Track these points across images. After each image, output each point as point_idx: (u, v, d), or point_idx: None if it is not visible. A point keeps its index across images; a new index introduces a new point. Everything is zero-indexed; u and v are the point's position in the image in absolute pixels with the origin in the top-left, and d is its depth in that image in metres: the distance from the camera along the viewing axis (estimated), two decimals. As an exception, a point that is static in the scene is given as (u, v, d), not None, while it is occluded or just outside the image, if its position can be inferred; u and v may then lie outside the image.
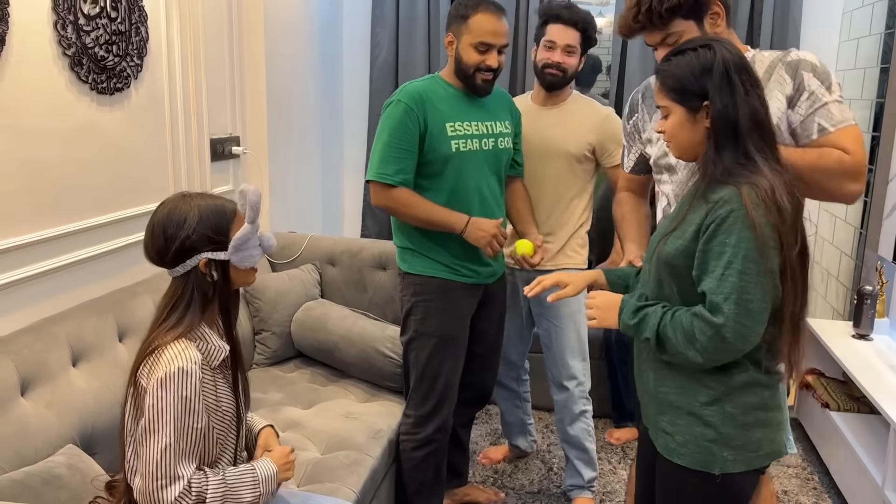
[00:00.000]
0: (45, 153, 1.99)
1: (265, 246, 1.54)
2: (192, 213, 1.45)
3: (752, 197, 1.30)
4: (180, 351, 1.40)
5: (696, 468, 1.43)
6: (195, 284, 1.46)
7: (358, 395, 2.51)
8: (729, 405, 1.40)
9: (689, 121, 1.41)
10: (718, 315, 1.31)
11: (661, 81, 1.44)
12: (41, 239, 1.98)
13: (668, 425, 1.46)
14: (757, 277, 1.30)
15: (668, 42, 1.66)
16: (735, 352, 1.35)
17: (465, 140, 2.19)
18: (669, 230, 1.43)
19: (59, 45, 2.01)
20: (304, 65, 3.56)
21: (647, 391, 1.53)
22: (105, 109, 2.21)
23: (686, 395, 1.43)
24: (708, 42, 1.41)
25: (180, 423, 1.37)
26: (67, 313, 1.98)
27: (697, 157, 1.44)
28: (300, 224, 3.46)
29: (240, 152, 2.99)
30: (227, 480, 1.44)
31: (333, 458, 2.06)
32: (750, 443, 1.41)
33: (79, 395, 1.81)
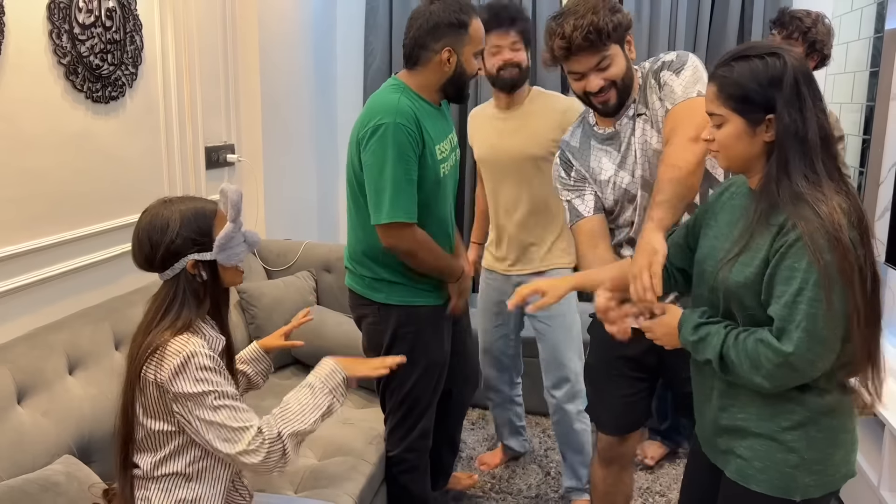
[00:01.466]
0: (41, 161, 1.99)
1: (250, 242, 1.57)
2: (174, 217, 1.47)
3: (816, 222, 1.22)
4: (185, 341, 1.43)
5: (776, 495, 1.36)
6: (186, 286, 1.49)
7: (355, 401, 2.51)
8: (813, 429, 1.34)
9: (747, 133, 1.30)
10: (787, 343, 1.25)
11: (718, 87, 1.32)
12: (37, 247, 1.98)
13: (746, 451, 1.39)
14: (828, 304, 1.22)
15: (601, 66, 1.69)
16: (804, 379, 1.29)
17: (444, 163, 2.05)
18: (732, 256, 1.33)
19: (55, 54, 2.02)
20: (299, 73, 3.57)
21: (713, 420, 1.45)
22: (100, 118, 2.22)
23: (767, 420, 1.36)
24: (775, 50, 1.30)
25: (216, 391, 1.42)
26: (64, 322, 1.98)
27: (747, 170, 1.36)
28: (295, 231, 3.46)
29: (235, 160, 3.00)
30: (289, 408, 1.52)
31: (331, 464, 2.06)
32: (830, 466, 1.35)
33: (75, 403, 1.80)
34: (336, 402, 1.57)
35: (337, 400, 1.57)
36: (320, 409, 1.54)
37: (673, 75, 1.71)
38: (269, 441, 1.43)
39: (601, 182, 1.84)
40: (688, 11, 3.66)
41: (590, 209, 1.85)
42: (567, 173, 1.89)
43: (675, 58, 1.75)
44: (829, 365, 1.27)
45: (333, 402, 1.57)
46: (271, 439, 1.44)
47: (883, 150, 2.96)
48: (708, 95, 1.35)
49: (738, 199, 1.44)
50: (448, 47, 1.97)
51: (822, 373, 1.29)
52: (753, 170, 1.35)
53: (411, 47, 1.99)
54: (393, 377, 1.99)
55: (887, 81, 2.93)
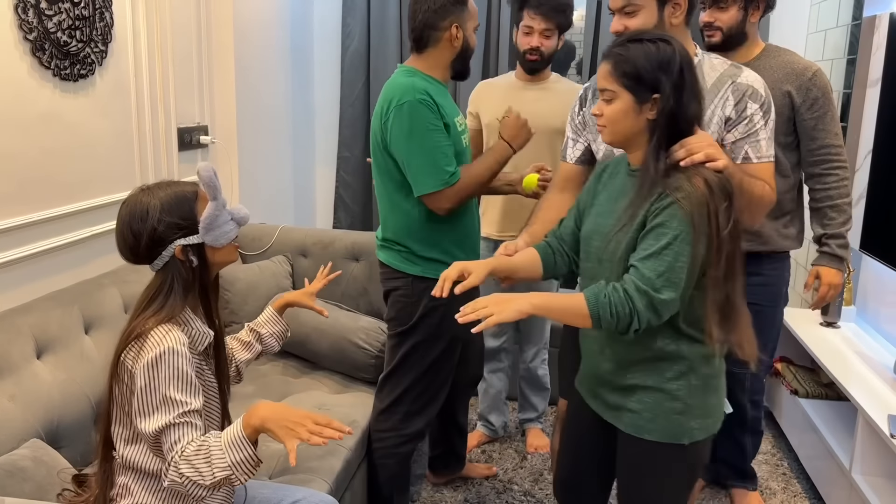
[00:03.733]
0: (6, 141, 1.93)
1: (238, 218, 1.53)
2: (154, 203, 1.43)
3: (690, 189, 1.36)
4: (165, 333, 1.39)
5: (667, 441, 1.49)
6: (175, 273, 1.45)
7: (331, 386, 2.49)
8: (693, 377, 1.48)
9: (634, 110, 1.43)
10: (649, 286, 1.36)
11: (613, 65, 1.43)
12: (4, 228, 1.93)
13: (636, 404, 1.51)
14: (686, 259, 1.36)
15: (626, 10, 1.69)
16: (660, 320, 1.39)
17: (464, 134, 2.18)
18: (619, 229, 1.44)
19: (21, 29, 1.96)
20: (275, 54, 3.51)
21: (606, 380, 1.57)
22: (69, 96, 2.16)
23: (653, 374, 1.49)
24: (667, 37, 1.43)
25: (174, 398, 1.36)
26: (32, 305, 1.93)
27: (627, 146, 1.49)
28: (271, 215, 3.42)
29: (208, 142, 2.95)
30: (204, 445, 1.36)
31: (306, 449, 2.04)
32: (709, 410, 1.51)
33: (44, 387, 1.76)
34: (235, 479, 1.33)
35: (237, 476, 1.32)
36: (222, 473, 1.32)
37: (762, 122, 1.68)
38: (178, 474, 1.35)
39: (600, 140, 1.84)
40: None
41: (575, 157, 1.94)
42: (578, 110, 1.95)
43: (763, 93, 1.69)
44: (675, 309, 1.40)
45: (232, 477, 1.32)
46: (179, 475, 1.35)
47: (859, 137, 2.99)
48: (602, 72, 1.45)
49: (617, 178, 1.56)
50: (455, 23, 2.06)
51: (686, 322, 1.44)
52: (635, 145, 1.47)
53: (420, 30, 2.07)
54: (414, 352, 2.16)
55: (864, 69, 2.95)
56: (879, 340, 2.86)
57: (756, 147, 1.68)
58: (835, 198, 2.19)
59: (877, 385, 2.45)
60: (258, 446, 1.36)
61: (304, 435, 1.29)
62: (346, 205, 4.13)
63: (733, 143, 1.69)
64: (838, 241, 2.20)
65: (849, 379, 2.50)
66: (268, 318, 1.85)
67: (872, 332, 2.95)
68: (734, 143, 1.69)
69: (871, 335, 2.93)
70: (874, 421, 2.20)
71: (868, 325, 3.01)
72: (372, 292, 2.81)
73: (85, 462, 1.77)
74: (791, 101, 2.15)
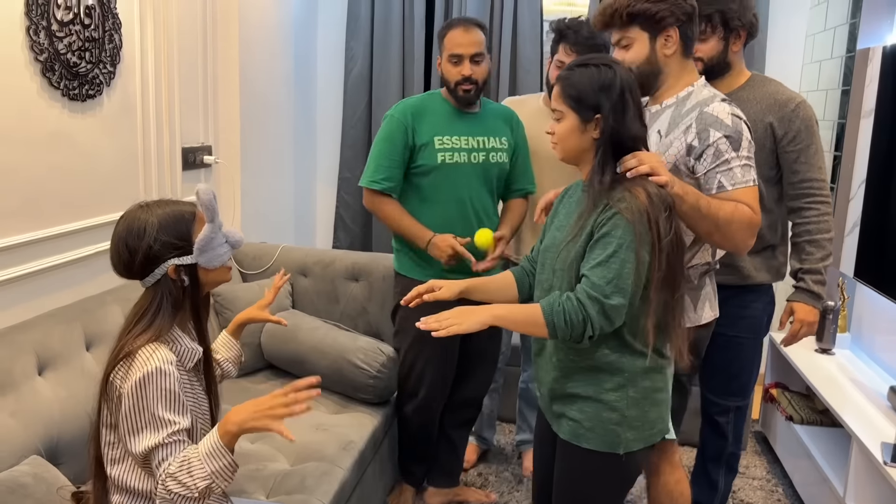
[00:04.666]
0: (14, 158, 1.96)
1: (232, 242, 1.55)
2: (151, 221, 1.45)
3: (631, 200, 1.46)
4: (152, 352, 1.40)
5: (603, 450, 1.57)
6: (165, 291, 1.47)
7: (329, 406, 2.50)
8: (632, 390, 1.56)
9: (579, 129, 1.54)
10: (599, 293, 1.45)
11: (560, 87, 1.56)
12: (7, 245, 1.95)
13: (577, 413, 1.59)
14: (631, 266, 1.45)
15: (621, 44, 1.80)
16: (612, 326, 1.48)
17: (451, 153, 2.32)
18: (570, 239, 1.54)
19: (32, 50, 1.99)
20: (279, 76, 3.56)
21: (551, 389, 1.65)
22: (77, 116, 2.20)
23: (593, 384, 1.57)
24: (609, 62, 1.56)
25: (163, 418, 1.37)
26: (34, 321, 1.95)
27: (578, 162, 1.60)
28: (272, 235, 3.44)
29: (212, 162, 2.98)
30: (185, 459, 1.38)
31: (303, 469, 2.05)
32: (647, 422, 1.58)
33: (44, 404, 1.77)
34: (216, 486, 1.36)
35: (217, 483, 1.36)
36: (203, 483, 1.35)
37: (732, 151, 1.70)
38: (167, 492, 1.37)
39: None
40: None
41: None
42: None
43: (729, 123, 1.72)
44: (624, 315, 1.48)
45: (213, 486, 1.36)
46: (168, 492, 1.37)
47: (853, 166, 3.03)
48: (553, 94, 1.58)
49: (574, 196, 1.67)
50: (440, 57, 2.33)
51: (631, 332, 1.52)
52: (584, 161, 1.59)
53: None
54: (396, 338, 2.56)
55: (858, 99, 3.00)
56: (874, 368, 2.88)
57: (729, 175, 1.70)
58: (813, 232, 2.11)
59: (871, 412, 2.47)
60: (234, 452, 1.38)
61: (284, 412, 1.32)
62: (346, 225, 4.16)
63: (705, 173, 1.73)
64: (814, 277, 2.12)
65: (843, 406, 2.52)
66: (223, 342, 1.83)
67: (867, 359, 2.97)
68: (706, 173, 1.73)
69: (866, 362, 2.95)
70: (868, 448, 2.21)
71: (862, 353, 3.03)
72: (371, 312, 2.83)
73: (83, 479, 1.77)
74: (773, 133, 2.10)
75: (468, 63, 2.27)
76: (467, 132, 2.35)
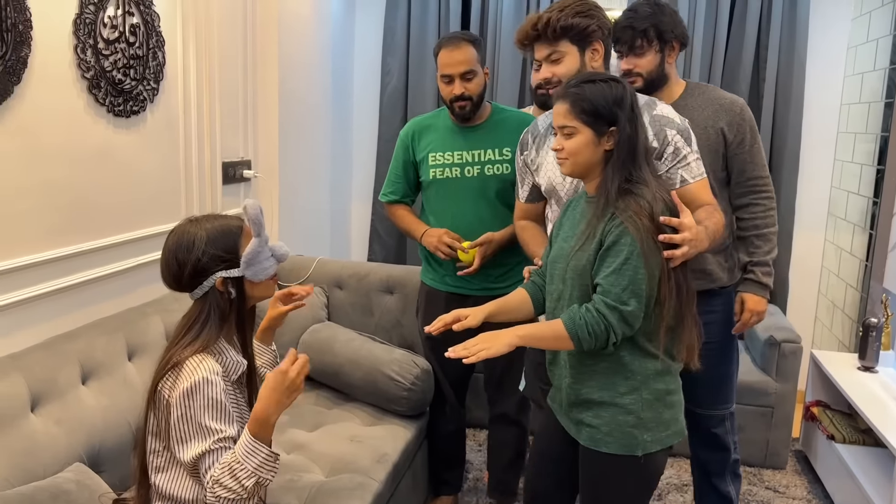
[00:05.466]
0: (61, 173, 2.02)
1: (277, 255, 1.58)
2: (200, 235, 1.49)
3: (638, 211, 1.53)
4: (199, 362, 1.44)
5: (622, 453, 1.62)
6: (213, 303, 1.51)
7: (363, 418, 2.52)
8: (645, 392, 1.60)
9: (593, 143, 1.59)
10: (617, 300, 1.52)
11: (571, 103, 1.59)
12: (55, 258, 2.01)
13: (594, 419, 1.64)
14: (644, 271, 1.52)
15: (552, 58, 1.88)
16: (631, 331, 1.55)
17: (441, 168, 2.42)
18: (578, 248, 1.60)
19: (79, 67, 2.05)
20: (317, 91, 3.62)
21: (567, 395, 1.70)
22: (121, 132, 2.26)
23: (607, 389, 1.61)
24: (615, 77, 1.63)
25: (209, 427, 1.41)
26: (78, 331, 2.00)
27: (586, 175, 1.64)
28: (308, 247, 3.49)
29: (251, 176, 3.04)
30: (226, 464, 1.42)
31: (337, 480, 2.06)
32: (662, 424, 1.62)
33: (87, 412, 1.82)
34: (266, 479, 1.41)
35: (263, 478, 1.41)
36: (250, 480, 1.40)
37: (687, 146, 1.82)
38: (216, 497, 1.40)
39: (536, 172, 2.03)
40: (703, 42, 3.69)
41: (524, 196, 2.12)
42: (520, 155, 2.09)
43: (678, 120, 1.84)
44: (641, 319, 1.54)
45: (261, 480, 1.41)
46: (217, 498, 1.40)
47: (897, 180, 2.96)
48: (560, 111, 1.61)
49: (578, 207, 1.72)
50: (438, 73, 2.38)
51: (645, 336, 1.58)
52: (592, 174, 1.64)
53: None
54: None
55: (902, 112, 2.94)
56: (919, 387, 2.81)
57: (688, 169, 1.82)
58: (761, 227, 2.22)
59: (916, 433, 2.40)
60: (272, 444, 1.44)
61: (295, 386, 1.43)
62: (381, 238, 4.20)
63: (667, 171, 1.82)
64: (763, 269, 2.23)
65: (887, 425, 2.46)
66: (255, 350, 1.84)
67: (912, 377, 2.90)
68: (667, 171, 1.82)
69: (911, 381, 2.87)
70: (913, 470, 2.16)
71: (907, 370, 2.96)
72: (405, 325, 2.85)
73: (124, 486, 1.81)
74: (724, 137, 2.18)
75: (458, 81, 2.32)
76: (463, 147, 2.40)
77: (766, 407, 3.12)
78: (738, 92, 3.57)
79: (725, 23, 3.68)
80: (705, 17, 3.66)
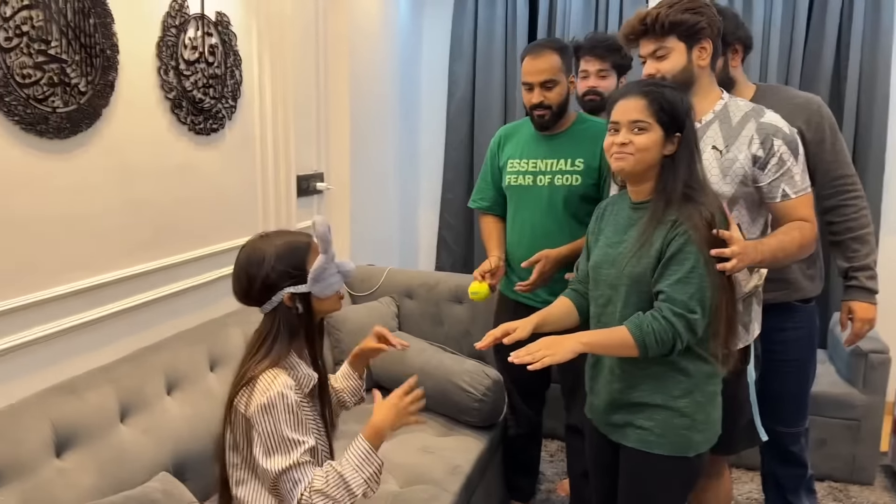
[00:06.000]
0: (147, 191, 2.10)
1: (344, 272, 1.60)
2: (270, 251, 1.52)
3: (699, 221, 1.56)
4: (273, 378, 1.47)
5: (675, 454, 1.65)
6: (282, 318, 1.53)
7: (435, 428, 2.52)
8: (699, 394, 1.63)
9: (661, 143, 1.61)
10: (684, 309, 1.55)
11: (650, 100, 1.60)
12: (141, 272, 2.09)
13: (645, 421, 1.66)
14: (709, 280, 1.56)
15: (657, 54, 1.82)
16: (695, 338, 1.58)
17: (516, 175, 2.41)
18: (633, 253, 1.62)
19: (162, 88, 2.13)
20: (385, 102, 3.66)
21: (613, 399, 1.71)
22: (201, 149, 2.33)
23: (661, 392, 1.64)
24: (679, 87, 1.68)
25: (292, 439, 1.44)
26: (163, 343, 2.08)
27: (641, 176, 1.64)
28: (378, 257, 3.53)
29: (324, 188, 3.09)
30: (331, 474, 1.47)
31: (411, 492, 2.08)
32: (711, 423, 1.67)
33: (173, 422, 1.88)
34: (369, 491, 1.49)
35: (370, 489, 1.49)
36: (360, 489, 1.48)
37: (792, 157, 1.79)
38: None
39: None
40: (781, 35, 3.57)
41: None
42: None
43: (787, 131, 1.80)
44: (704, 327, 1.57)
45: (367, 491, 1.49)
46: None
47: None
48: (635, 106, 1.61)
49: (620, 213, 1.74)
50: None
51: (699, 341, 1.60)
52: (645, 177, 1.65)
53: None
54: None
55: None
56: None
57: (791, 183, 1.78)
58: (855, 229, 2.11)
59: None
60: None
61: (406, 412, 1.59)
62: (448, 246, 4.21)
63: (768, 183, 1.79)
64: (866, 273, 2.11)
65: None
66: (343, 372, 1.85)
67: None
68: (770, 183, 1.79)
69: None
70: None
71: None
72: (475, 335, 2.84)
73: (206, 496, 1.87)
74: (802, 138, 2.05)
75: (538, 89, 2.30)
76: (540, 155, 2.38)
77: (853, 420, 2.99)
78: (818, 92, 3.43)
79: (803, 22, 3.56)
80: (782, 17, 3.55)
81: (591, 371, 1.81)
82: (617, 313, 1.66)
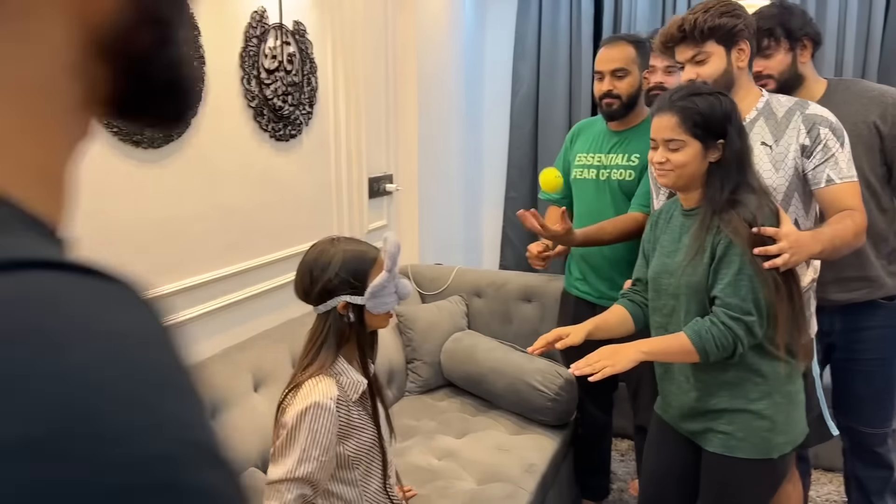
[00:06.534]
0: (234, 196, 2.19)
1: (401, 293, 1.59)
2: (337, 257, 1.53)
3: (739, 224, 1.55)
4: (314, 385, 1.48)
5: (758, 457, 1.64)
6: (333, 324, 1.54)
7: (508, 426, 2.56)
8: (777, 396, 1.62)
9: (700, 155, 1.60)
10: (740, 311, 1.55)
11: (682, 117, 1.59)
12: (229, 273, 2.19)
13: (726, 426, 1.65)
14: (759, 279, 1.55)
15: (696, 59, 1.83)
16: (755, 339, 1.57)
17: (581, 169, 2.47)
18: (688, 262, 1.62)
19: (244, 97, 2.22)
20: (451, 102, 3.70)
21: (690, 408, 1.71)
22: (281, 154, 2.41)
23: (739, 397, 1.63)
24: (719, 91, 1.64)
25: (306, 454, 1.44)
26: (248, 342, 2.16)
27: (686, 188, 1.66)
28: (445, 256, 3.57)
29: (393, 189, 3.15)
30: None
31: (488, 489, 2.11)
32: (792, 424, 1.66)
33: (260, 419, 1.96)
34: None
35: None
36: None
37: (838, 144, 1.78)
38: None
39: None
40: (857, 27, 3.48)
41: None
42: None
43: (833, 119, 1.81)
44: (763, 327, 1.56)
45: None
46: None
47: None
48: (668, 124, 1.61)
49: (673, 220, 1.75)
50: None
51: (768, 340, 1.59)
52: (692, 187, 1.65)
53: None
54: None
55: None
56: None
57: (836, 169, 1.77)
58: None
59: None
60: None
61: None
62: (512, 244, 4.23)
63: (813, 169, 1.79)
64: None
65: None
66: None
67: None
68: (814, 169, 1.78)
69: None
70: None
71: None
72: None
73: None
74: (878, 131, 2.04)
75: (608, 78, 2.33)
76: (605, 149, 2.41)
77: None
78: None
79: (881, 14, 3.46)
80: (858, 9, 3.45)
81: (662, 381, 1.81)
82: (682, 323, 1.66)
